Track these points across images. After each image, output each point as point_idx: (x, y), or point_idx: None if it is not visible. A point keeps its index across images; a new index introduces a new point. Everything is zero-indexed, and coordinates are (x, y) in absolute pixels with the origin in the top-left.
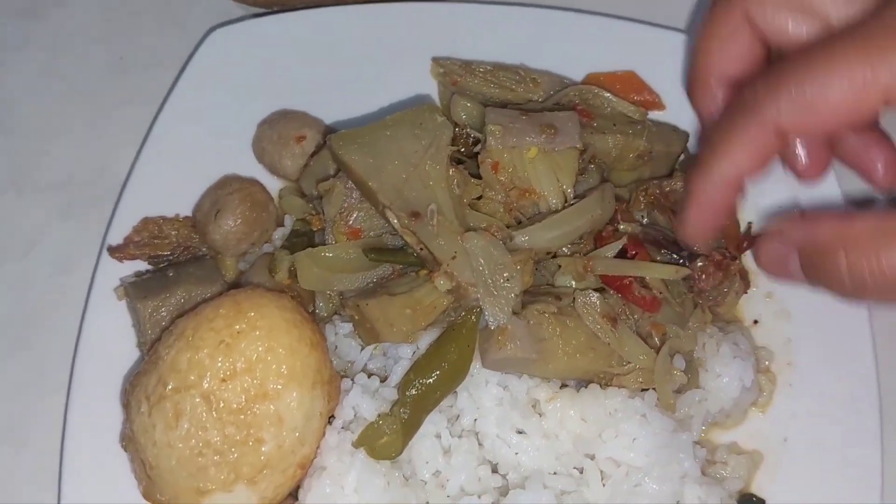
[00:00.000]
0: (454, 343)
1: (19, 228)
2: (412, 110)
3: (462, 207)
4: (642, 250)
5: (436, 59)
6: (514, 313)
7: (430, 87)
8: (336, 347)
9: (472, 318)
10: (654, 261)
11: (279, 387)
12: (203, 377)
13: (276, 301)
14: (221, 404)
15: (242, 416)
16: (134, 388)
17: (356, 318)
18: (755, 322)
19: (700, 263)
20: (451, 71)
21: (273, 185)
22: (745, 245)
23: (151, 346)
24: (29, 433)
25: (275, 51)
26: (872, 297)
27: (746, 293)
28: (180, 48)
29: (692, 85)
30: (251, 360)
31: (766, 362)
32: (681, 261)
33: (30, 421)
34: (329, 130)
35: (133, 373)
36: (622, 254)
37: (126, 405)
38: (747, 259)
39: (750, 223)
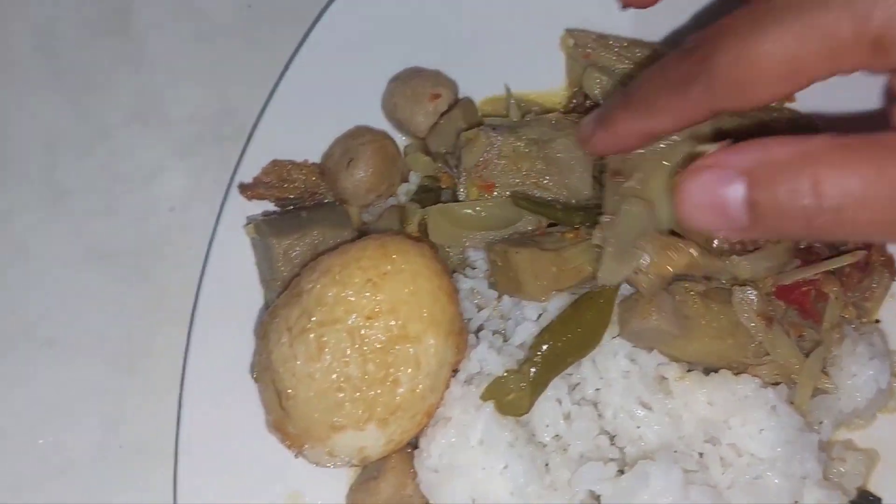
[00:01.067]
0: (591, 311)
1: (142, 161)
2: None
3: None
4: (816, 256)
5: (569, 31)
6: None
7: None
8: None
9: (612, 290)
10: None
11: (419, 331)
12: (350, 313)
13: (419, 248)
14: (365, 341)
15: (383, 355)
16: (273, 319)
17: (499, 264)
18: (877, 321)
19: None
20: (583, 43)
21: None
22: None
23: (288, 283)
24: (146, 363)
25: (410, 7)
26: (860, 234)
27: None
28: (311, 2)
29: None
30: (396, 301)
31: None
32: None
33: (147, 351)
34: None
35: (261, 308)
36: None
37: (263, 336)
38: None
39: None
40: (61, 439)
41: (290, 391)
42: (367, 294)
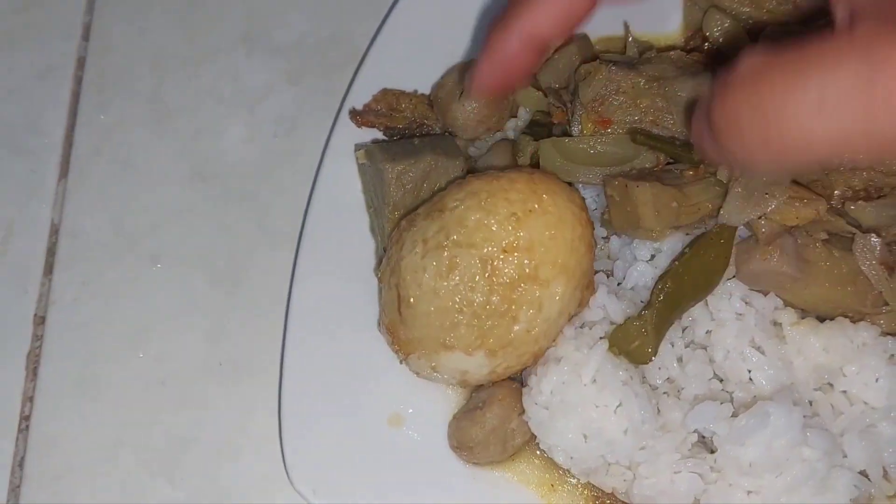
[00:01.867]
0: (712, 251)
1: (247, 87)
2: None
3: None
4: None
5: None
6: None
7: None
8: None
9: (731, 230)
10: None
11: (550, 275)
12: (488, 241)
13: (569, 194)
14: (495, 272)
15: (509, 291)
16: (410, 226)
17: (616, 199)
18: None
19: None
20: None
21: None
22: None
23: (406, 213)
24: (248, 282)
25: None
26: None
27: None
28: None
29: None
30: (534, 241)
31: None
32: None
33: (249, 271)
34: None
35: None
36: None
37: (396, 241)
38: None
39: None
40: (163, 352)
41: (412, 300)
42: (510, 228)
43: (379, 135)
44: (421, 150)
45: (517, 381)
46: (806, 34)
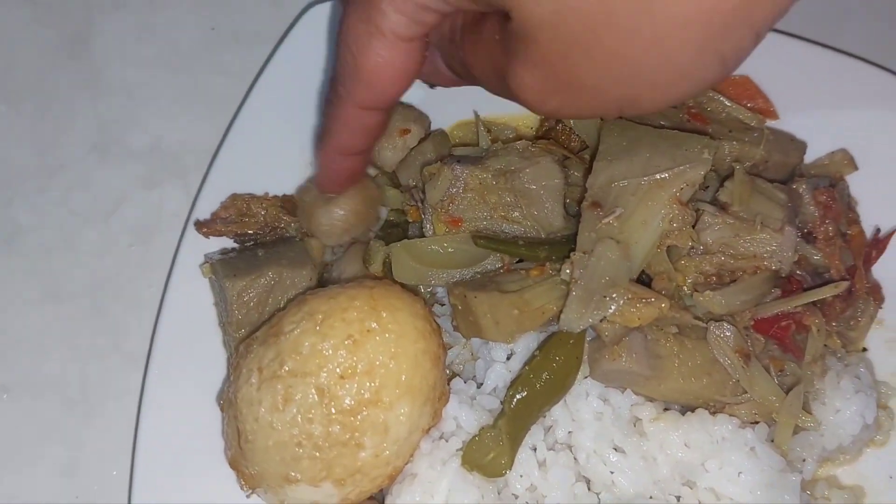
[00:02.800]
0: (561, 352)
1: (101, 194)
2: (700, 139)
3: (657, 243)
4: (797, 285)
5: None
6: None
7: None
8: None
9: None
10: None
11: (394, 397)
12: (322, 368)
13: (411, 306)
14: (333, 401)
15: (350, 418)
16: (247, 352)
17: (459, 308)
18: (864, 350)
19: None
20: None
21: None
22: (874, 255)
23: (248, 326)
24: (103, 406)
25: None
26: None
27: (882, 308)
28: (275, 24)
29: None
30: (374, 364)
31: (887, 398)
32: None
33: (104, 394)
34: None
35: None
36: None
37: (235, 368)
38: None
39: (877, 228)
40: (15, 489)
41: (249, 434)
42: (345, 352)
43: (231, 243)
44: (265, 263)
45: (378, 498)
46: (664, 113)
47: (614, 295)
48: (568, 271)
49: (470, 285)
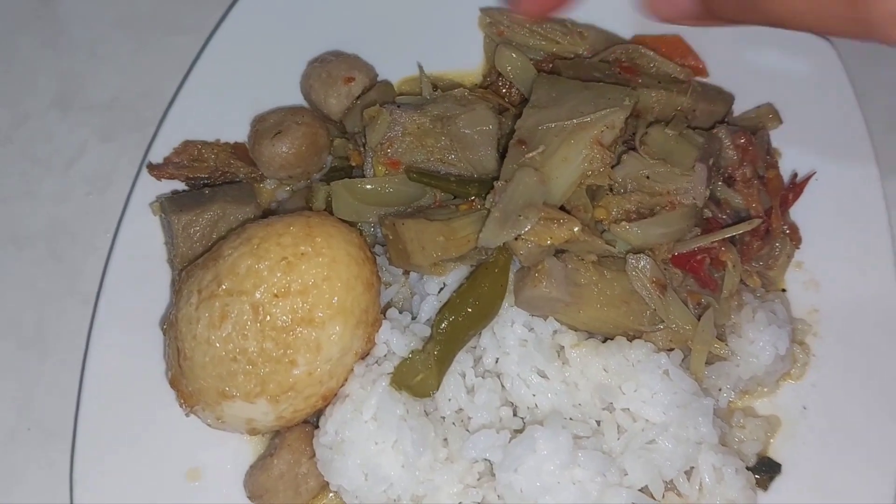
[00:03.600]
0: (487, 280)
1: (61, 146)
2: (623, 89)
3: (578, 181)
4: (717, 226)
5: (484, 10)
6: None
7: (478, 38)
8: None
9: (506, 256)
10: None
11: (326, 317)
12: (258, 287)
13: (346, 234)
14: (268, 318)
15: (284, 335)
16: (188, 277)
17: (390, 237)
18: (783, 290)
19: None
20: (497, 21)
21: None
22: (791, 198)
23: (187, 260)
24: (58, 345)
25: None
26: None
27: (799, 248)
28: None
29: None
30: (307, 284)
31: (803, 335)
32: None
33: (58, 333)
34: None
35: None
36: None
37: (177, 292)
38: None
39: (795, 173)
40: None
41: (188, 352)
42: (279, 273)
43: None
44: (210, 199)
45: (313, 422)
46: (597, 66)
47: (529, 214)
48: (490, 198)
49: (399, 214)
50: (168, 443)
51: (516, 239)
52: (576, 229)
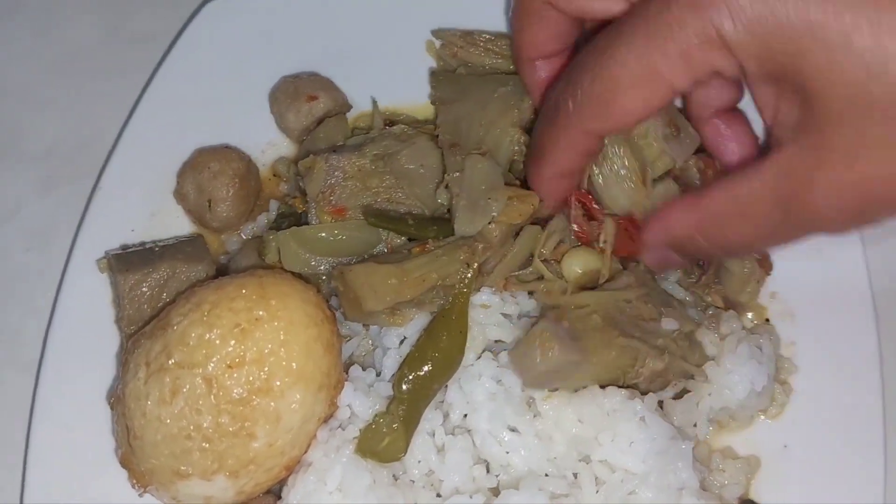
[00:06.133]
0: (445, 330)
1: None
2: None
3: (508, 165)
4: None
5: (435, 32)
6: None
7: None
8: None
9: (462, 300)
10: None
11: (285, 385)
12: (210, 358)
13: (302, 293)
14: (222, 391)
15: (240, 408)
16: (135, 348)
17: (340, 288)
18: (766, 321)
19: None
20: (451, 42)
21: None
22: None
23: (141, 321)
24: None
25: (269, 24)
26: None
27: (769, 275)
28: (172, 24)
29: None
30: (263, 352)
31: (787, 373)
32: None
33: None
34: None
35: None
36: None
37: (123, 364)
38: None
39: None
40: None
41: (137, 430)
42: (233, 341)
43: (132, 238)
44: (159, 258)
45: (275, 492)
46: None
47: (497, 196)
48: (446, 193)
49: (348, 264)
50: None
51: (490, 223)
52: (535, 202)
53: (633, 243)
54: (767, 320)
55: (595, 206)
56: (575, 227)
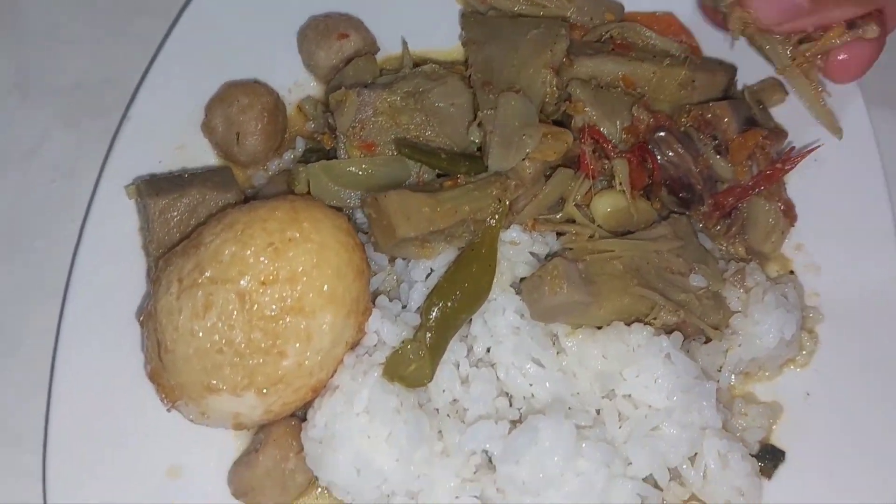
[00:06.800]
0: (475, 262)
1: (23, 134)
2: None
3: (540, 105)
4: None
5: None
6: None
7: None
8: None
9: (492, 235)
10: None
11: (316, 306)
12: (243, 274)
13: (334, 220)
14: (255, 307)
15: (272, 325)
16: (167, 265)
17: (373, 215)
18: (791, 272)
19: (704, 209)
20: None
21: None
22: (781, 170)
23: (168, 244)
24: (22, 338)
25: None
26: None
27: (794, 226)
28: None
29: None
30: (296, 272)
31: (814, 322)
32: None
33: (27, 327)
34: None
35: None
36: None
37: (154, 281)
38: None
39: (792, 146)
40: None
41: (169, 344)
42: (266, 259)
43: (159, 169)
44: (189, 183)
45: (299, 416)
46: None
47: (531, 132)
48: (479, 130)
49: (381, 191)
50: (146, 439)
51: (524, 159)
52: (569, 139)
53: (643, 174)
54: (792, 272)
55: (606, 144)
56: (589, 163)
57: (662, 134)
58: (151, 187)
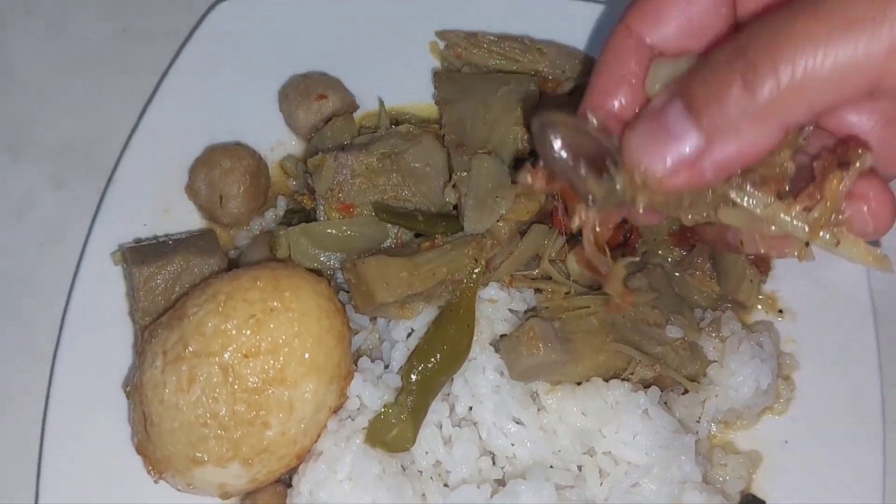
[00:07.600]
0: (454, 323)
1: (12, 194)
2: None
3: (512, 158)
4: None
5: (439, 33)
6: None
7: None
8: None
9: (470, 294)
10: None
11: (298, 375)
12: (226, 348)
13: (314, 285)
14: (238, 380)
15: (255, 396)
16: (152, 337)
17: (352, 280)
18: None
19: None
20: (455, 43)
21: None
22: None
23: (157, 313)
24: (11, 403)
25: (280, 24)
26: None
27: (764, 279)
28: (185, 22)
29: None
30: (278, 342)
31: (790, 369)
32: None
33: (13, 390)
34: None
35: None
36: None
37: (140, 353)
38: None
39: None
40: None
41: (155, 417)
42: (248, 331)
43: (144, 233)
44: (173, 251)
45: (285, 481)
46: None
47: (505, 194)
48: (453, 192)
49: (360, 257)
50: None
51: (498, 221)
52: (541, 198)
53: (618, 232)
54: (781, 311)
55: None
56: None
57: None
58: (136, 255)
